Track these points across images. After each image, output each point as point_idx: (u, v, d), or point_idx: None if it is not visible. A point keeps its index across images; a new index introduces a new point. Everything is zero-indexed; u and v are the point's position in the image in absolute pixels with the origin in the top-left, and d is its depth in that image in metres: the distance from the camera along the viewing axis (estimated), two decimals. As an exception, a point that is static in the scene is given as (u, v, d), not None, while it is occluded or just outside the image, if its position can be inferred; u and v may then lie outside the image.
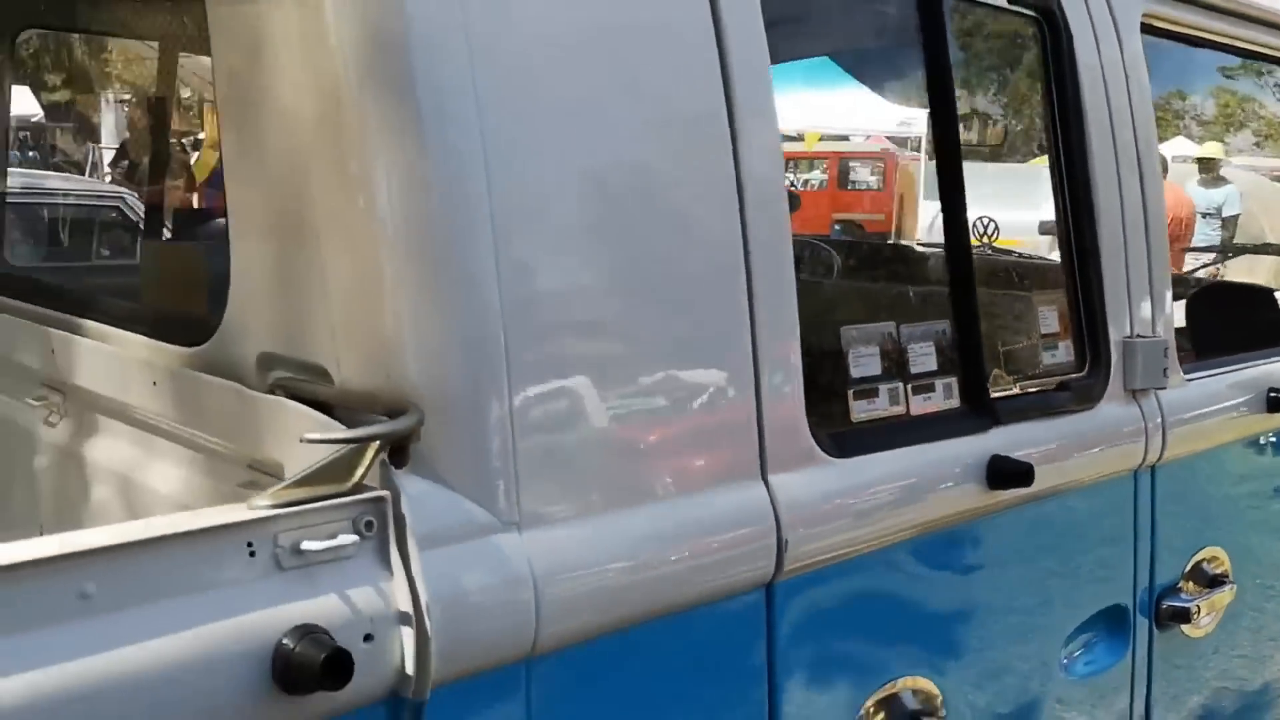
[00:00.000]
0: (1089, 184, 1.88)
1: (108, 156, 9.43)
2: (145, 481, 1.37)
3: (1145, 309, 1.96)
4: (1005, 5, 1.82)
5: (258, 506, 0.96)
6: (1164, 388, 1.95)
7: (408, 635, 1.01)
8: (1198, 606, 2.06)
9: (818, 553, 1.39)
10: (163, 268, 1.73)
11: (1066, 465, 1.78)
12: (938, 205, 1.74)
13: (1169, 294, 2.04)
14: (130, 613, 0.89)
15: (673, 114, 1.27)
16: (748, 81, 1.31)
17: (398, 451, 1.03)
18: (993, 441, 1.64)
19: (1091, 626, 1.90)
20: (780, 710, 1.37)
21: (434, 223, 1.10)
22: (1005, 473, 1.61)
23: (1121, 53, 1.99)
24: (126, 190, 4.53)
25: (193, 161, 6.16)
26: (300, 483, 0.98)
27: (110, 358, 1.40)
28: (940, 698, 1.59)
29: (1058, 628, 1.83)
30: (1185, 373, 2.07)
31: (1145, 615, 2.01)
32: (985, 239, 4.44)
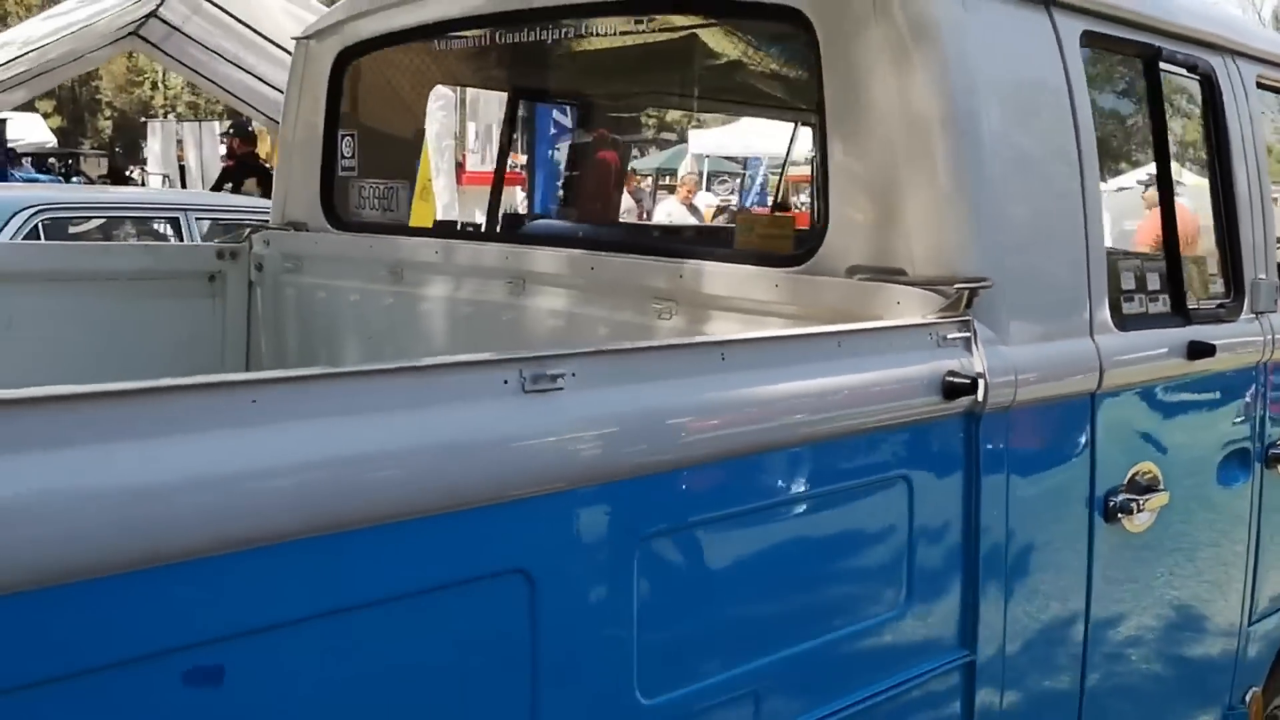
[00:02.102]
0: (1233, 186, 3.07)
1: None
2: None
3: (1263, 263, 3.15)
4: (1185, 74, 3.01)
5: (929, 319, 2.14)
6: (1274, 311, 3.14)
7: (980, 383, 2.18)
8: (1292, 455, 3.24)
9: (1113, 382, 2.57)
10: (758, 228, 2.92)
11: (1224, 355, 2.95)
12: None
13: (1276, 255, 3.23)
14: (873, 358, 2.06)
15: (1058, 153, 2.47)
16: (1089, 152, 2.51)
17: (968, 303, 2.21)
18: (1188, 333, 2.82)
19: (1231, 457, 3.08)
20: (1097, 462, 2.54)
21: (971, 190, 2.28)
22: (1199, 349, 2.79)
23: (1247, 101, 3.18)
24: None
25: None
26: (940, 311, 2.16)
27: (734, 275, 2.59)
28: (1161, 479, 2.76)
29: (1215, 452, 3.01)
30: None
31: (1259, 459, 3.19)
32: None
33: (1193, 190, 3.18)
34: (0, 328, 3.39)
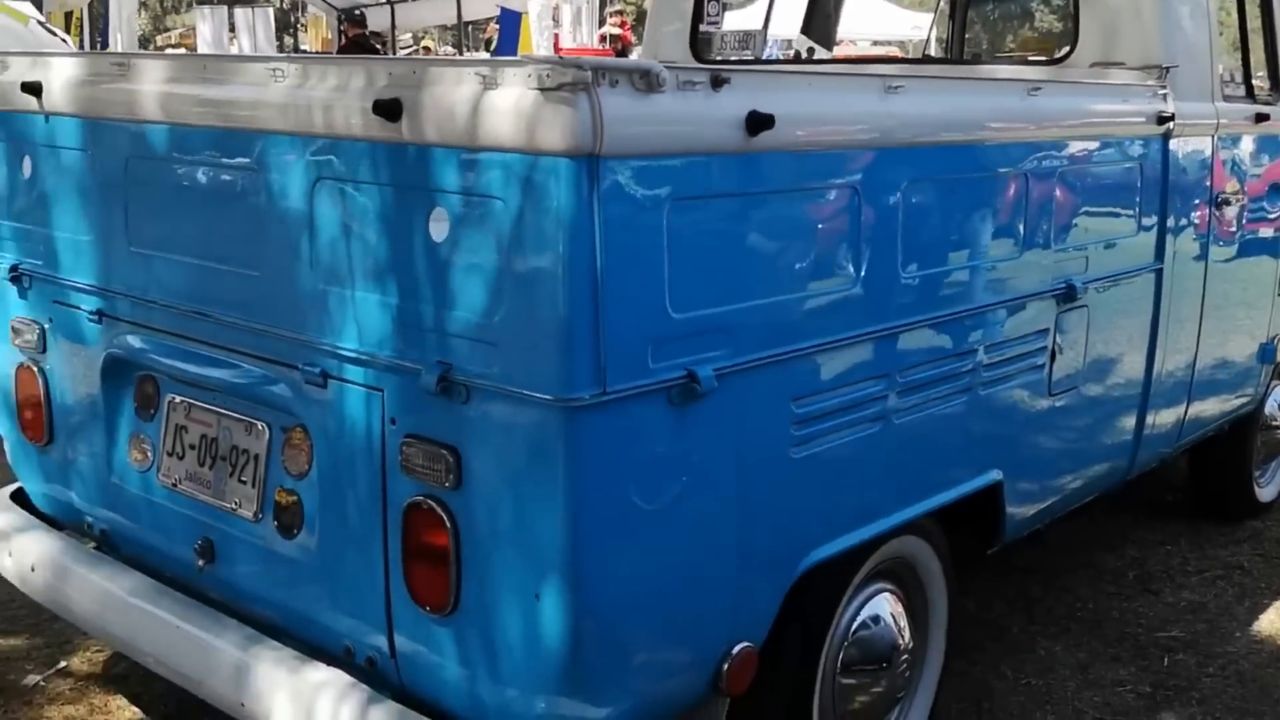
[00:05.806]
0: (1275, 26, 5.15)
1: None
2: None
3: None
4: None
5: (1149, 82, 4.20)
6: (1299, 100, 5.26)
7: (1174, 118, 4.24)
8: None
9: (1223, 130, 4.65)
10: (1033, 43, 4.95)
11: (1273, 123, 5.04)
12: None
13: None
14: (1131, 99, 4.14)
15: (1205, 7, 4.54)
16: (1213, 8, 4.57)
17: (1164, 76, 4.27)
18: (1254, 107, 4.92)
19: (1275, 187, 5.20)
20: (1213, 173, 4.64)
21: (1164, 17, 4.33)
22: (1261, 116, 4.89)
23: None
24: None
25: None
26: (1155, 80, 4.23)
27: (1022, 70, 4.61)
28: (1241, 192, 4.87)
29: (1265, 181, 5.12)
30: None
31: (1287, 192, 5.33)
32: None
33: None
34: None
